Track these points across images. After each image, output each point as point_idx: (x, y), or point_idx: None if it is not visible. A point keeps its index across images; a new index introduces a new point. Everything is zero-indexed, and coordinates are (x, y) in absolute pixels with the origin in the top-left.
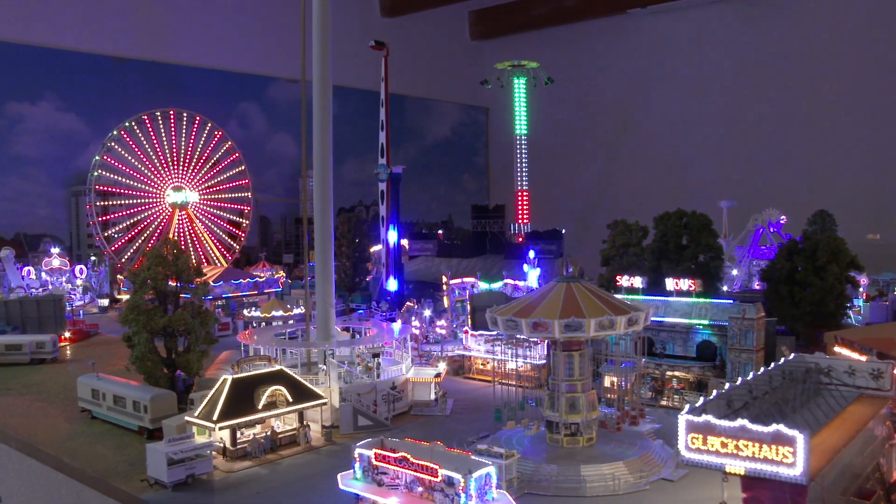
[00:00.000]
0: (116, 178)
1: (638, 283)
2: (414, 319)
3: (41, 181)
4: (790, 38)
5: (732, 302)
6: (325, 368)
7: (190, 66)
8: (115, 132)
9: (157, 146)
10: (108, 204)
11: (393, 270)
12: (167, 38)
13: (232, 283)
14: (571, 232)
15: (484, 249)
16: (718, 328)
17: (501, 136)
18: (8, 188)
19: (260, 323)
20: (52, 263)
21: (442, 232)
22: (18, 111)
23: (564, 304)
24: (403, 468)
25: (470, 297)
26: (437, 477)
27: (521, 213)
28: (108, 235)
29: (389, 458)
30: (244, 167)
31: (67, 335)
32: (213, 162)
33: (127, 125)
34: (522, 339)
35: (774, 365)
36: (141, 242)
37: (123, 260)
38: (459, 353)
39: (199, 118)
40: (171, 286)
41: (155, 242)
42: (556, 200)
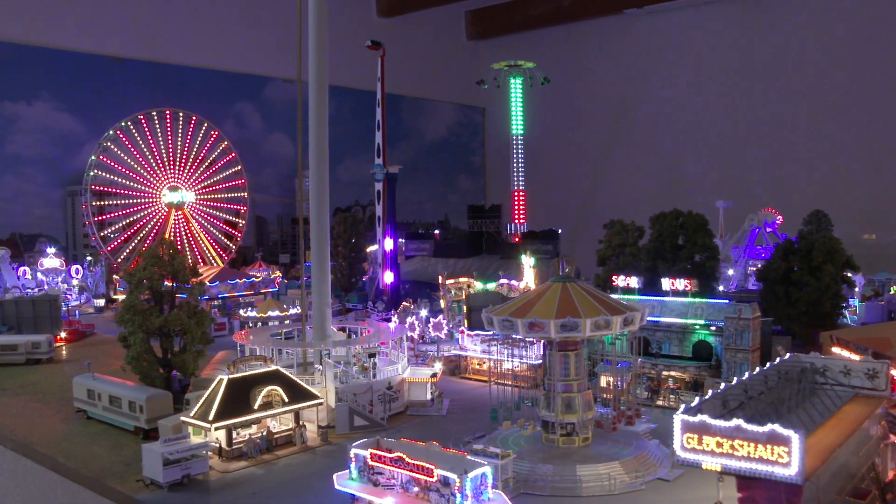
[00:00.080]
0: (112, 177)
1: (634, 283)
2: (410, 319)
3: (37, 181)
4: (786, 37)
5: (728, 302)
6: (321, 368)
7: (186, 65)
8: (111, 132)
9: (153, 146)
10: (104, 204)
11: (389, 265)
12: (163, 37)
13: (228, 283)
14: (568, 232)
15: (480, 249)
16: (714, 328)
17: (498, 136)
18: (4, 188)
19: (256, 323)
20: (45, 264)
21: (438, 232)
22: (14, 111)
23: (560, 304)
24: (399, 468)
25: (466, 297)
26: (432, 477)
27: (517, 213)
28: (104, 235)
29: (385, 458)
30: (240, 167)
31: (63, 335)
32: (209, 162)
33: (123, 125)
34: (518, 339)
35: (770, 365)
36: (137, 242)
37: (119, 260)
38: (456, 353)
39: (195, 118)
40: (167, 286)
41: (151, 242)
42: (552, 200)
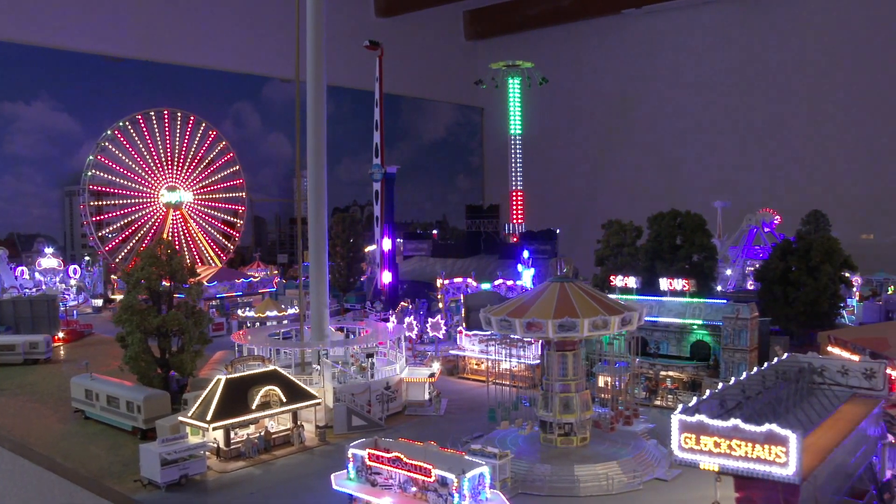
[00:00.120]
0: (110, 177)
1: (632, 283)
2: (408, 319)
3: (35, 181)
4: (785, 38)
5: (726, 302)
6: (319, 368)
7: (184, 65)
8: (109, 132)
9: (151, 146)
10: (102, 204)
11: (388, 265)
12: (162, 37)
13: (226, 283)
14: (566, 232)
15: (478, 249)
16: (712, 328)
17: (496, 136)
18: (2, 188)
19: (254, 323)
20: (43, 264)
21: (436, 232)
22: (12, 111)
23: (558, 304)
24: (397, 468)
25: (464, 297)
26: (430, 477)
27: (515, 213)
28: (101, 235)
29: (383, 458)
30: (238, 167)
31: (61, 335)
32: (207, 162)
33: (121, 125)
34: (516, 339)
35: (768, 365)
36: (135, 242)
37: (117, 260)
38: (454, 352)
39: (193, 118)
40: (164, 286)
41: (149, 242)
42: (550, 200)
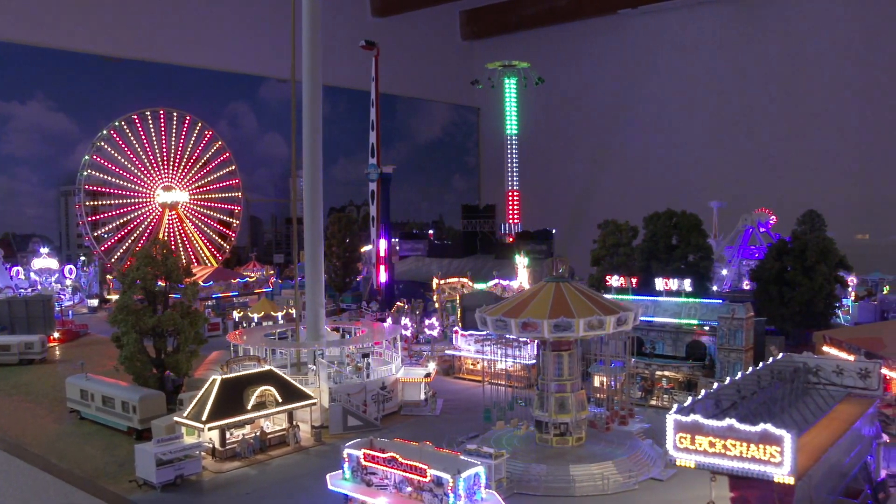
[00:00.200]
0: (106, 177)
1: (628, 282)
2: (404, 319)
3: (30, 181)
4: (780, 39)
5: (722, 302)
6: (314, 368)
7: (180, 65)
8: (104, 132)
9: (146, 146)
10: (97, 204)
11: (383, 265)
12: (157, 37)
13: (222, 283)
14: (562, 232)
15: (474, 249)
16: (708, 328)
17: (492, 136)
18: None
19: (250, 323)
20: (39, 264)
21: (432, 232)
22: (8, 110)
23: (554, 304)
24: (392, 468)
25: (460, 297)
26: (425, 477)
27: (511, 213)
28: (97, 235)
29: (378, 458)
30: (234, 167)
31: (56, 335)
32: (203, 162)
33: (117, 125)
34: (512, 338)
35: (763, 364)
36: (131, 242)
37: (113, 260)
38: (449, 352)
39: (189, 118)
40: (160, 286)
41: (145, 242)
42: (546, 200)
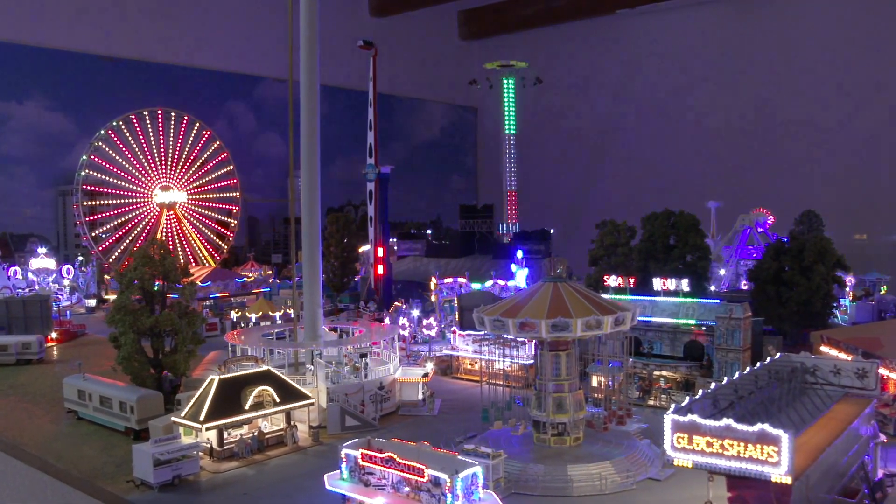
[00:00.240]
0: (104, 177)
1: (625, 282)
2: (402, 319)
3: (28, 181)
4: (778, 38)
5: (719, 302)
6: (312, 369)
7: (178, 65)
8: (102, 132)
9: (144, 146)
10: (95, 204)
11: (381, 265)
12: (155, 37)
13: (220, 283)
14: (560, 232)
15: (472, 249)
16: (705, 328)
17: (490, 135)
18: None
19: (248, 323)
20: (36, 264)
21: (430, 232)
22: (5, 110)
23: (551, 304)
24: (390, 468)
25: (458, 296)
26: (423, 477)
27: (509, 213)
28: (95, 235)
29: (376, 458)
30: (232, 167)
31: (54, 336)
32: (201, 162)
33: (115, 125)
34: (510, 339)
35: (761, 364)
36: (128, 242)
37: (111, 260)
38: (447, 353)
39: (186, 118)
40: (158, 286)
41: (143, 242)
42: (544, 200)
